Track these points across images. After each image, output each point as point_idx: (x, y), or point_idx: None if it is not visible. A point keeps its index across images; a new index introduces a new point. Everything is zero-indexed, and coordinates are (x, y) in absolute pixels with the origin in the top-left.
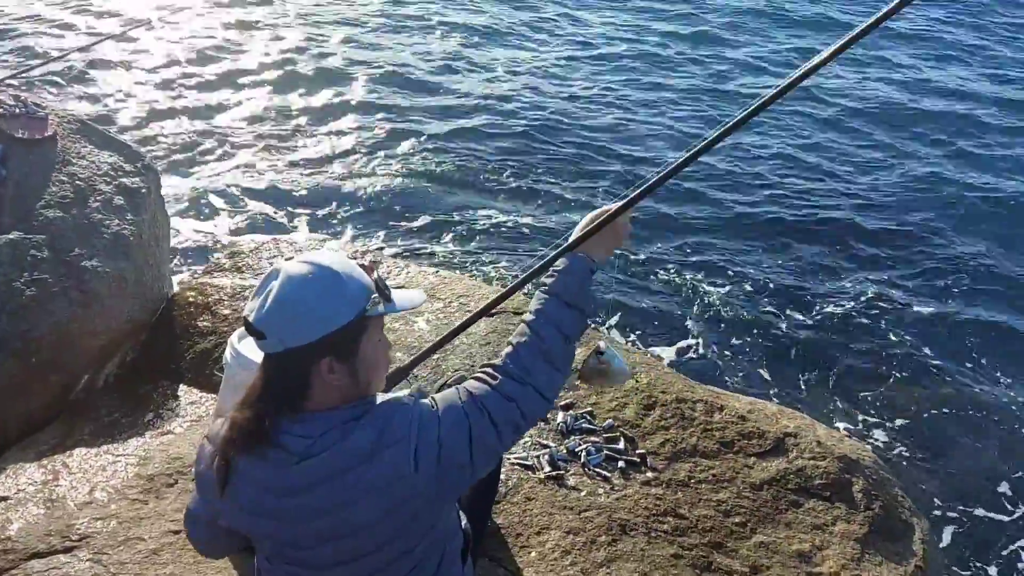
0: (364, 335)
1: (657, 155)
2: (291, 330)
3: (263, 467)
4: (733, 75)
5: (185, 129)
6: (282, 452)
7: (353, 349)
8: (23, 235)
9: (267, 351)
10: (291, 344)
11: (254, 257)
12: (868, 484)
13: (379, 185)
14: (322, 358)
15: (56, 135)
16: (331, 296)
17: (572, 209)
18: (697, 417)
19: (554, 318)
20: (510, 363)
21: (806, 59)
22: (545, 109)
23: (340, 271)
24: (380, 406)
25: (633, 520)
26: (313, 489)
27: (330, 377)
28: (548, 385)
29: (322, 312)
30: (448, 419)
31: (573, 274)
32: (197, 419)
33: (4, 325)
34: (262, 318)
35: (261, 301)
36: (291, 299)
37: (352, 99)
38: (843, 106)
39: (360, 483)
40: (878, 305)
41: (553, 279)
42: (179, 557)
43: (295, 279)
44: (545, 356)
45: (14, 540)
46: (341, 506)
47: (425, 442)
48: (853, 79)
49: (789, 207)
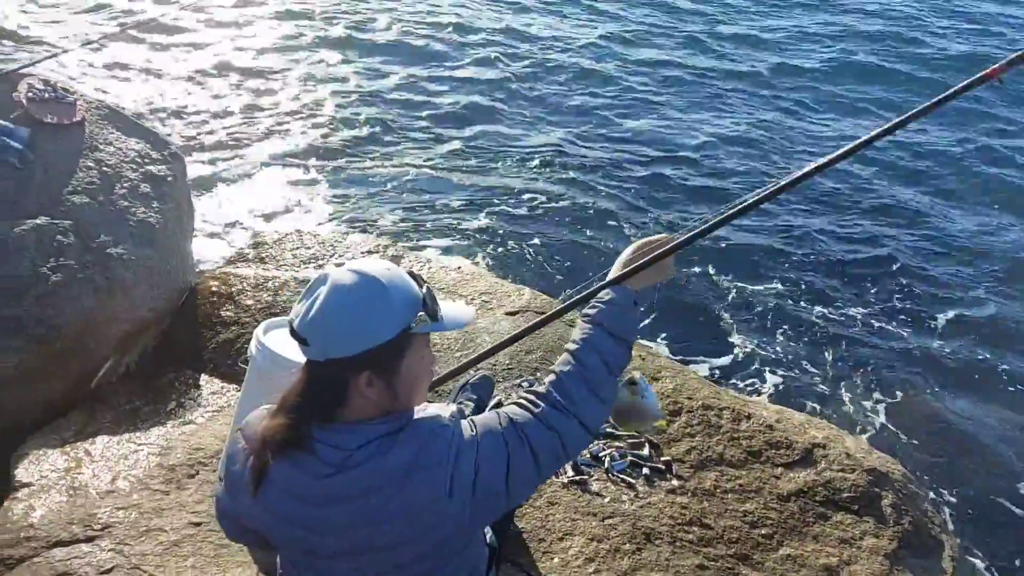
0: (407, 351)
1: (711, 185)
2: (333, 341)
3: (296, 474)
4: (815, 116)
5: (212, 118)
6: (317, 461)
7: (395, 366)
8: (50, 220)
9: (309, 357)
10: (332, 355)
11: (277, 248)
12: (898, 498)
13: (404, 179)
14: (361, 372)
15: (84, 120)
16: (375, 310)
17: (604, 217)
18: (724, 425)
19: (599, 349)
20: (554, 392)
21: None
22: (588, 116)
23: (387, 284)
24: (419, 424)
25: (658, 528)
26: (343, 503)
27: (368, 391)
28: (591, 416)
29: (365, 326)
30: (487, 445)
31: (618, 305)
32: (219, 409)
33: (29, 310)
34: (306, 325)
35: (307, 307)
36: (335, 309)
37: (383, 91)
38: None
39: (390, 504)
40: (914, 314)
41: (597, 310)
42: (199, 549)
43: (341, 289)
44: (589, 386)
45: (36, 528)
46: (368, 524)
47: (461, 468)
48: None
49: (822, 212)
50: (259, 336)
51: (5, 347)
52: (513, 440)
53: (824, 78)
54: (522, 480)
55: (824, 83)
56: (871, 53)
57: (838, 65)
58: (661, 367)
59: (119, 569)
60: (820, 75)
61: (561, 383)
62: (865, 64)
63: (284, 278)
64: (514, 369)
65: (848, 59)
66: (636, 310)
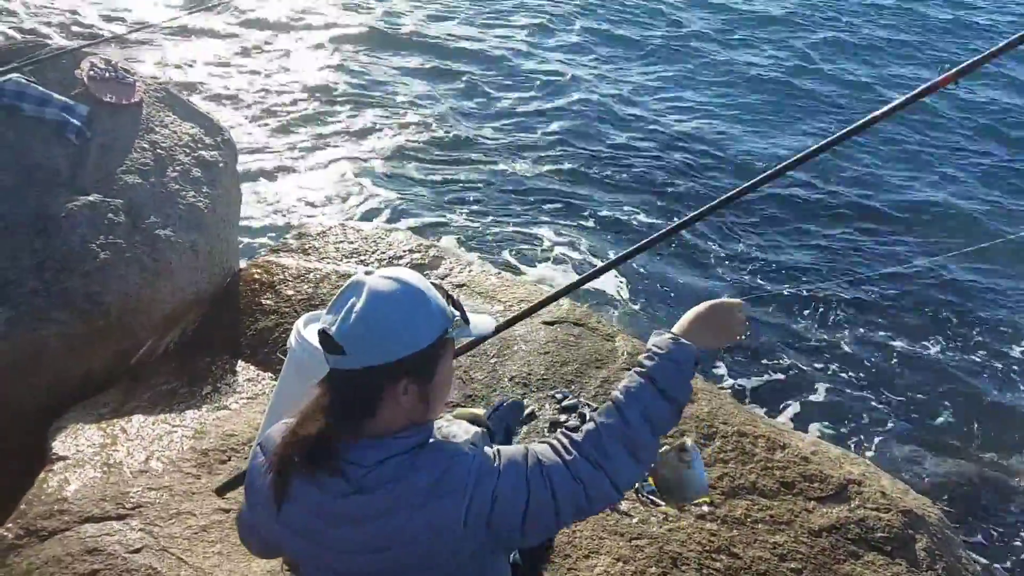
0: (442, 357)
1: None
2: (374, 349)
3: (315, 491)
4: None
5: (266, 107)
6: (337, 479)
7: (431, 372)
8: (102, 198)
9: (341, 367)
10: (372, 362)
11: (320, 240)
12: (932, 543)
13: (450, 181)
14: (400, 379)
15: (142, 102)
16: (416, 315)
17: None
18: (758, 453)
19: (646, 405)
20: (589, 443)
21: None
22: (643, 122)
23: (425, 290)
24: (441, 447)
25: (685, 554)
26: (361, 524)
27: (403, 399)
28: (624, 476)
29: (408, 332)
30: (507, 481)
31: (676, 362)
32: (253, 397)
33: (76, 285)
34: (344, 334)
35: (343, 315)
36: (376, 316)
37: (441, 92)
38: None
39: (407, 528)
40: (967, 352)
41: (653, 362)
42: (226, 536)
43: (381, 295)
44: (627, 444)
45: (70, 502)
46: (384, 547)
47: (479, 498)
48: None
49: (867, 235)
50: (299, 329)
51: (52, 319)
52: (536, 482)
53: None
54: (540, 524)
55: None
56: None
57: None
58: (697, 389)
59: (148, 550)
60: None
61: (599, 436)
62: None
63: (325, 271)
64: (549, 380)
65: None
66: (694, 371)
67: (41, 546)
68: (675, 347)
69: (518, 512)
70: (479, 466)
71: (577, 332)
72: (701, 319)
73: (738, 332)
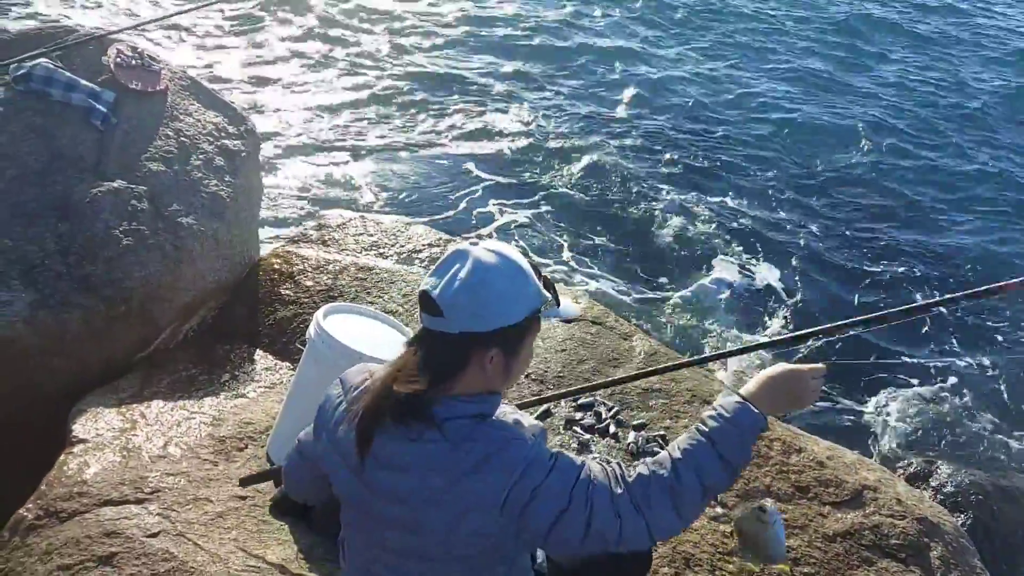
0: (530, 334)
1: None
2: (472, 316)
3: (378, 435)
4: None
5: (289, 97)
6: (400, 426)
7: (518, 346)
8: (126, 184)
9: (437, 328)
10: (467, 329)
11: (340, 232)
12: (947, 552)
13: (472, 175)
14: (491, 348)
15: (167, 89)
16: (515, 290)
17: (675, 227)
18: (773, 456)
19: (701, 467)
20: (637, 487)
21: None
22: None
23: (524, 267)
24: (504, 425)
25: (698, 555)
26: (406, 473)
27: (488, 367)
28: (662, 527)
29: (505, 305)
30: (553, 483)
31: (739, 427)
32: (271, 386)
33: (99, 270)
34: (447, 298)
35: (447, 280)
36: (478, 286)
37: (468, 82)
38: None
39: (448, 492)
40: (986, 361)
41: (717, 424)
42: (242, 523)
43: (484, 266)
44: (674, 499)
45: (89, 484)
46: (421, 503)
47: (522, 486)
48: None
49: (898, 238)
50: (319, 320)
51: (75, 303)
52: (579, 498)
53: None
54: (564, 539)
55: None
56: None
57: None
58: (714, 391)
59: (165, 534)
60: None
61: (648, 484)
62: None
63: (345, 263)
64: (565, 378)
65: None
66: (756, 436)
67: (60, 527)
68: (742, 412)
69: (550, 517)
70: (534, 456)
71: (594, 331)
72: (775, 383)
73: (811, 401)
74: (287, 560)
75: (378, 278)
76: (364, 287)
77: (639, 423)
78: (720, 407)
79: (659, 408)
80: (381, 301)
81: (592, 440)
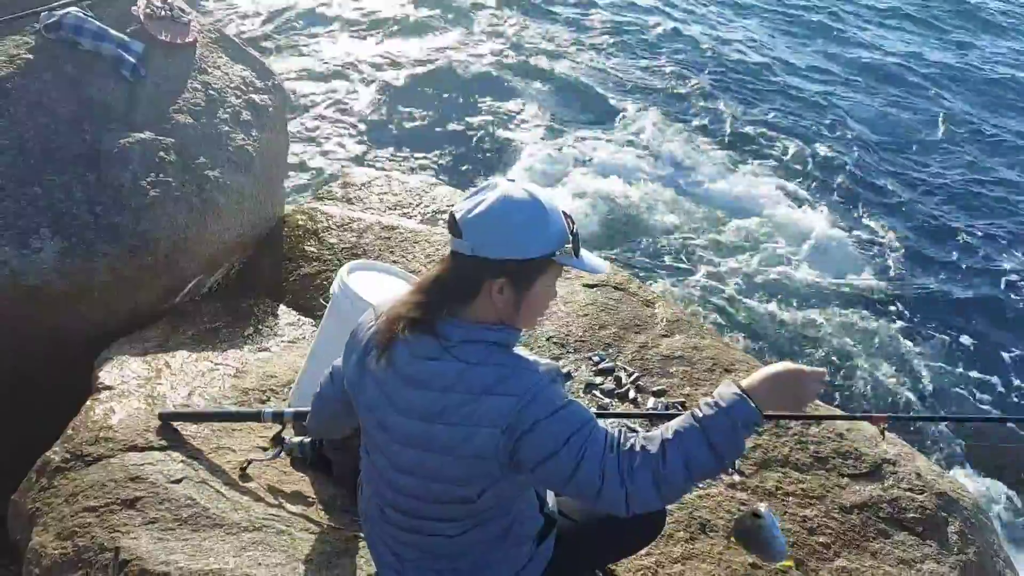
0: (543, 275)
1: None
2: (486, 241)
3: (406, 352)
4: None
5: (317, 55)
6: (423, 343)
7: (529, 284)
8: (154, 136)
9: (457, 250)
10: (479, 252)
11: (365, 190)
12: (965, 527)
13: (499, 138)
14: (499, 278)
15: (196, 42)
16: (533, 227)
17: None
18: (792, 427)
19: (688, 451)
20: (626, 458)
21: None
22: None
23: (549, 210)
24: (519, 357)
25: (714, 521)
26: (423, 389)
27: (497, 297)
28: (639, 501)
29: (519, 238)
30: (554, 424)
31: (732, 419)
32: (293, 341)
33: (127, 220)
34: (467, 219)
35: (472, 204)
36: (497, 214)
37: (497, 49)
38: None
39: (459, 411)
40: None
41: (711, 411)
42: (263, 473)
43: (508, 199)
44: (656, 479)
45: (115, 430)
46: (434, 419)
47: (525, 415)
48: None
49: (923, 206)
50: (343, 276)
51: (103, 252)
52: (573, 447)
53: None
54: (548, 478)
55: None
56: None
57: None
58: (735, 360)
59: (188, 480)
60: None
61: (636, 458)
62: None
63: (369, 221)
64: (586, 342)
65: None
66: (750, 431)
67: (86, 471)
68: (738, 404)
69: (542, 453)
70: (543, 389)
71: (617, 296)
72: (777, 380)
73: (808, 403)
74: (308, 510)
75: (402, 237)
76: (388, 246)
77: (659, 389)
78: (718, 395)
79: (680, 375)
80: (405, 261)
81: (611, 405)
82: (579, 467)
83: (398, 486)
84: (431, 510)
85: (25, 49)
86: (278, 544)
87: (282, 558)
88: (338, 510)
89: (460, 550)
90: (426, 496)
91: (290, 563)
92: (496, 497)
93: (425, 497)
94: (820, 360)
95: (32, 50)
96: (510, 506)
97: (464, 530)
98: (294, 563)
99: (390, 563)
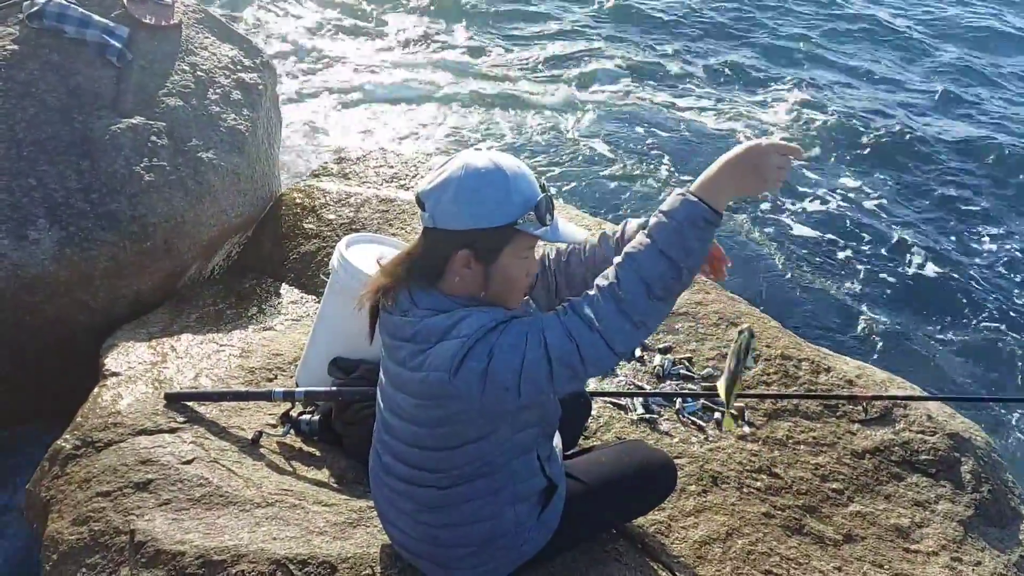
0: (508, 245)
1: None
2: (444, 211)
3: (388, 313)
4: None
5: (304, 30)
6: (401, 305)
7: (493, 255)
8: (145, 121)
9: (424, 224)
10: (440, 224)
11: (361, 165)
12: (978, 466)
13: (494, 107)
14: (461, 249)
15: (181, 23)
16: (489, 196)
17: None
18: (801, 376)
19: (642, 268)
20: (585, 303)
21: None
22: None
23: (511, 176)
24: (469, 309)
25: (725, 473)
26: (405, 342)
27: (463, 271)
28: (619, 338)
29: (475, 207)
30: (508, 337)
31: (677, 220)
32: (297, 319)
33: (123, 207)
34: (427, 191)
35: (435, 175)
36: (455, 184)
37: (489, 17)
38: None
39: (416, 359)
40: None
41: (657, 220)
42: (274, 450)
43: (467, 168)
44: (620, 307)
45: (124, 415)
46: (412, 367)
47: (477, 351)
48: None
49: (920, 166)
50: (341, 250)
51: (102, 240)
52: (534, 340)
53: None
54: (532, 383)
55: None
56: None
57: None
58: (740, 312)
59: (199, 461)
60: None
61: (594, 298)
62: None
63: (366, 195)
64: None
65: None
66: (703, 228)
67: (97, 456)
68: (679, 205)
69: (512, 370)
70: (486, 322)
71: None
72: (727, 165)
73: (771, 179)
74: (320, 484)
75: (399, 209)
76: (386, 219)
77: (665, 347)
78: (662, 207)
79: (685, 331)
80: (403, 232)
81: (617, 364)
82: (549, 349)
83: (390, 427)
84: (418, 457)
85: (9, 40)
86: (291, 518)
87: (296, 531)
88: (349, 482)
89: (452, 502)
90: (412, 441)
91: (304, 536)
92: (479, 451)
93: (412, 442)
94: (824, 311)
95: (16, 40)
96: (498, 463)
97: (453, 483)
98: (308, 535)
99: (392, 519)
